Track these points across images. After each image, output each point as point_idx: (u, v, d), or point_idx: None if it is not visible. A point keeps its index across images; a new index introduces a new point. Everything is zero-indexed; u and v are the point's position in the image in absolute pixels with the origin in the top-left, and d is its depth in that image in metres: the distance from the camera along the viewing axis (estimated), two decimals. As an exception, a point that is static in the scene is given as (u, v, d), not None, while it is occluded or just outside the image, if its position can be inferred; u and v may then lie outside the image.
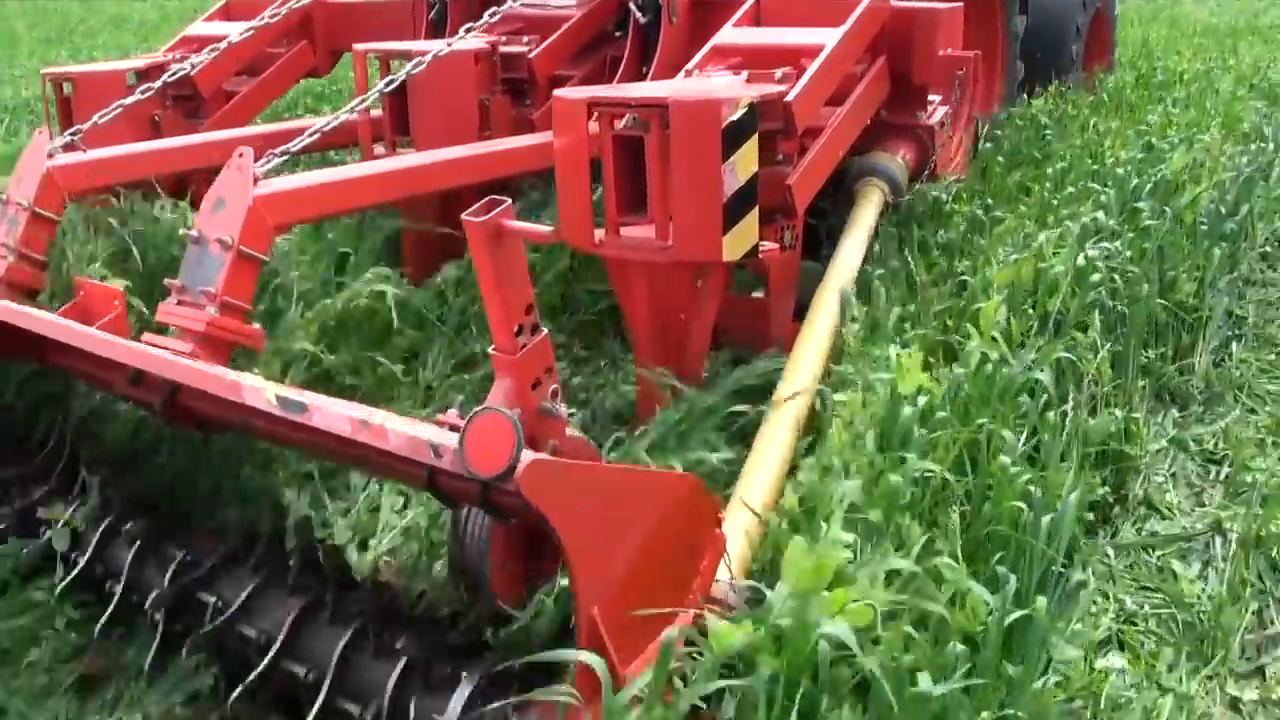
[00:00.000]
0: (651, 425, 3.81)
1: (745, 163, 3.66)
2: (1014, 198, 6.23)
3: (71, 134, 5.03)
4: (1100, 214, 5.38)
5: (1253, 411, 5.27)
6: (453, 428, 3.02)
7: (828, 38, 4.43)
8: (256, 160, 4.03)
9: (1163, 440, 4.90)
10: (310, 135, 4.28)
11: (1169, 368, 5.34)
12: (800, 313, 4.30)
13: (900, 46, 4.87)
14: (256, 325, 3.99)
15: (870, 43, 4.76)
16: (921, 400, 3.48)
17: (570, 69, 6.04)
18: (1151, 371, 5.19)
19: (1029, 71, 8.18)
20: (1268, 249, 7.23)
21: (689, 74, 4.43)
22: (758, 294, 4.54)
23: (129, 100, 5.25)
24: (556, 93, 3.95)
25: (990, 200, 5.85)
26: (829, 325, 4.00)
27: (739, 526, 3.07)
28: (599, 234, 3.90)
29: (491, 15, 5.23)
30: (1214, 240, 5.94)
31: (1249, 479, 4.60)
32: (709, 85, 3.98)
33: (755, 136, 3.66)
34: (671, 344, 4.00)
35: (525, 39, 5.88)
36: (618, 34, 6.04)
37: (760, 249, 3.80)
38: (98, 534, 3.74)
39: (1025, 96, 8.22)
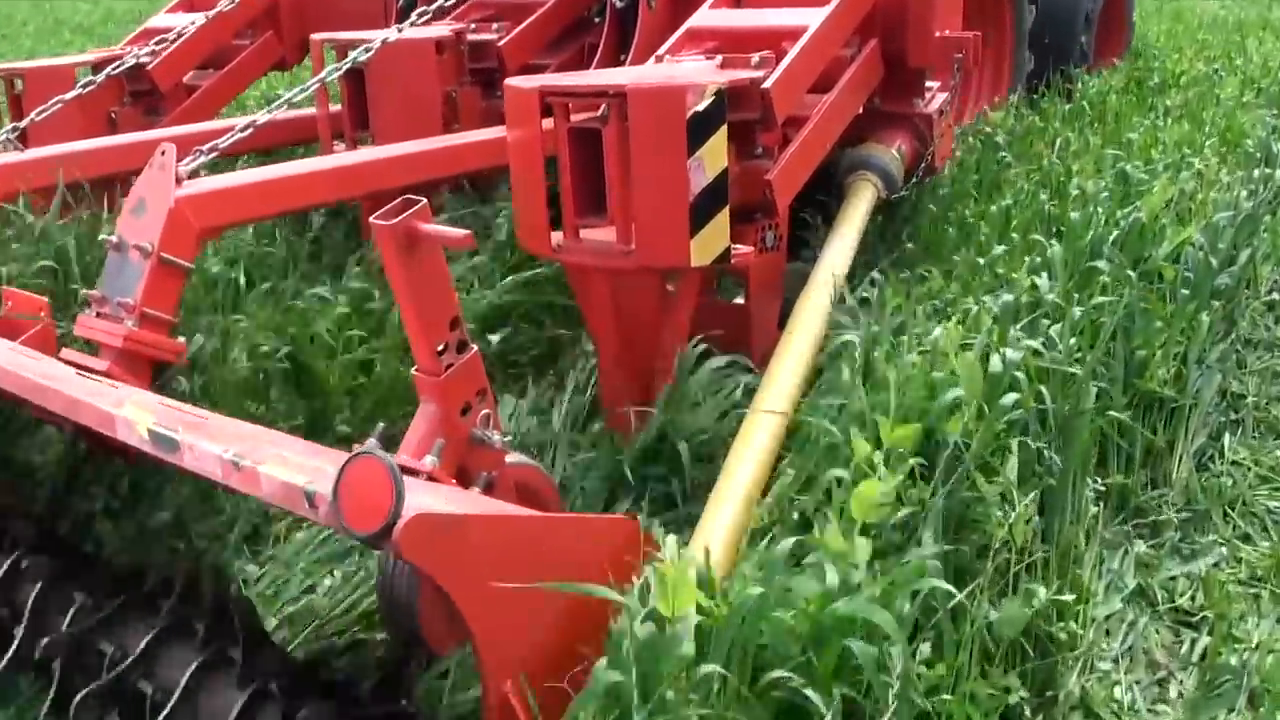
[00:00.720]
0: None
1: (714, 157, 3.28)
2: (941, 250, 4.81)
3: (5, 133, 4.70)
4: (1043, 278, 4.02)
5: (1246, 539, 3.74)
6: (371, 460, 2.66)
7: (811, 18, 4.04)
8: (181, 159, 3.68)
9: (1117, 599, 3.38)
10: (242, 130, 3.90)
11: (1135, 478, 3.83)
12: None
13: (894, 27, 4.47)
14: (180, 339, 3.63)
15: (860, 23, 4.36)
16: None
17: (545, 57, 5.67)
18: (1111, 490, 3.75)
19: (1038, 63, 7.71)
20: (1275, 296, 5.45)
21: (659, 59, 4.04)
22: (740, 299, 4.16)
23: (69, 95, 4.91)
24: (507, 82, 3.59)
25: (909, 250, 4.73)
26: (810, 339, 3.61)
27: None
28: (556, 237, 3.53)
29: (457, 1, 4.86)
30: (1202, 301, 4.38)
31: (1234, 660, 3.08)
32: (675, 71, 3.60)
33: (724, 127, 3.29)
34: (639, 357, 3.62)
35: (495, 26, 5.50)
36: (597, 20, 5.66)
37: (733, 253, 3.42)
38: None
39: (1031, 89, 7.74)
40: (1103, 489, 3.66)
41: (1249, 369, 4.80)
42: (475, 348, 2.76)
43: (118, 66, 5.61)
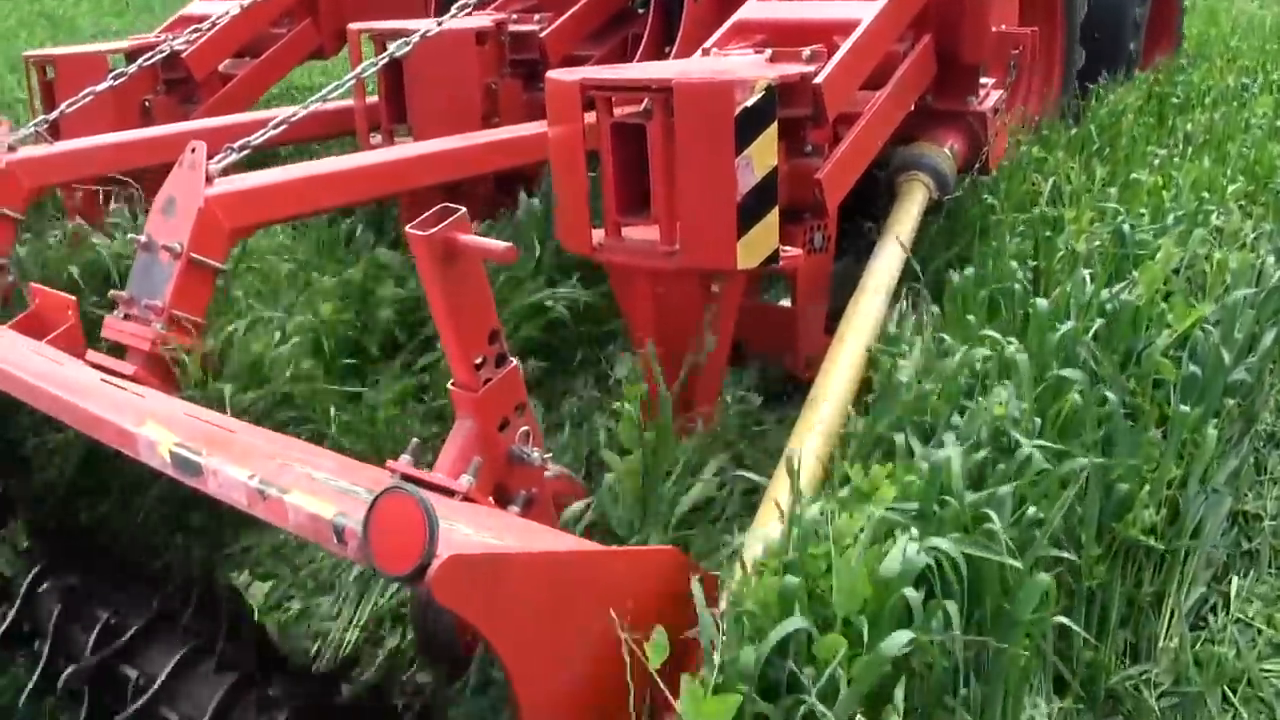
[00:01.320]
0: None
1: (763, 155, 3.14)
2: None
3: (37, 124, 4.61)
4: (1008, 391, 2.96)
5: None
6: (405, 477, 2.54)
7: (864, 11, 3.88)
8: (212, 156, 3.57)
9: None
10: (276, 126, 3.80)
11: (1107, 649, 2.92)
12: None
13: (948, 22, 4.30)
14: (210, 341, 3.53)
15: (914, 17, 4.19)
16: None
17: (588, 49, 5.54)
18: (1077, 669, 2.85)
19: (1087, 66, 7.45)
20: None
21: (706, 53, 3.90)
22: (785, 302, 4.01)
23: (101, 86, 4.82)
24: (548, 74, 3.46)
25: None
26: (859, 348, 3.45)
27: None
28: (597, 236, 3.40)
29: None
30: (1210, 407, 3.32)
31: None
32: (723, 65, 3.46)
33: (775, 124, 3.14)
34: (680, 363, 3.48)
35: (537, 17, 5.36)
36: (640, 10, 5.52)
37: (782, 254, 3.28)
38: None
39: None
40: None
41: (1270, 475, 3.76)
42: (514, 361, 2.63)
43: (152, 56, 5.50)
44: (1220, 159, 5.80)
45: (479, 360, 2.56)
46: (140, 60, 5.48)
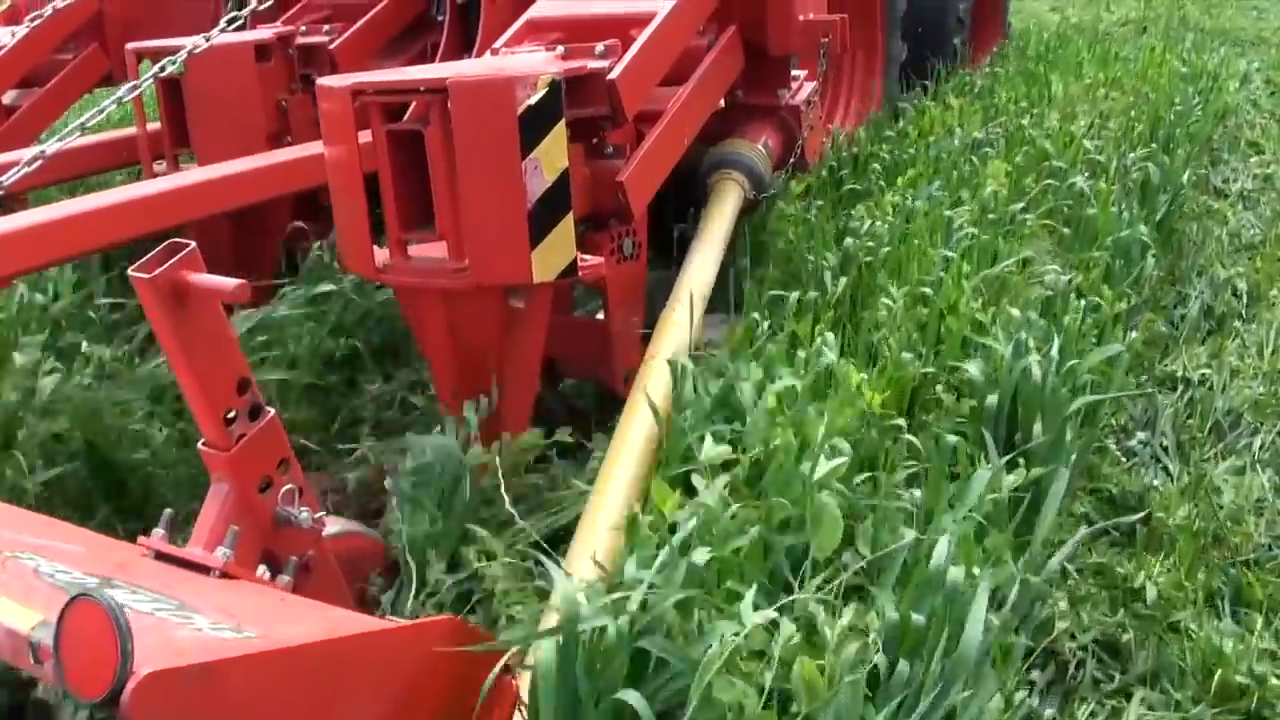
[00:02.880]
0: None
1: (552, 157, 2.89)
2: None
3: None
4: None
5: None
6: (158, 554, 2.22)
7: (660, 3, 3.67)
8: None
9: None
10: (29, 165, 3.41)
11: None
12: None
13: (752, 12, 4.12)
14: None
15: (716, 8, 3.99)
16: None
17: (384, 60, 5.22)
18: None
19: (913, 60, 7.34)
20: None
21: (495, 53, 3.64)
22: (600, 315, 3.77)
23: None
24: (318, 81, 3.16)
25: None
26: (671, 354, 3.22)
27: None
28: (380, 256, 3.12)
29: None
30: None
31: None
32: (505, 63, 3.20)
33: (562, 123, 2.90)
34: (482, 389, 3.20)
35: (326, 28, 5.05)
36: (440, 18, 5.23)
37: (581, 264, 3.03)
38: None
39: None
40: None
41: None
42: (271, 412, 2.31)
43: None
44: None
45: (229, 414, 2.24)
46: (-102, 94, 5.04)
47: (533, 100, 2.81)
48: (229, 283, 2.08)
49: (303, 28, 5.07)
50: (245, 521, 2.29)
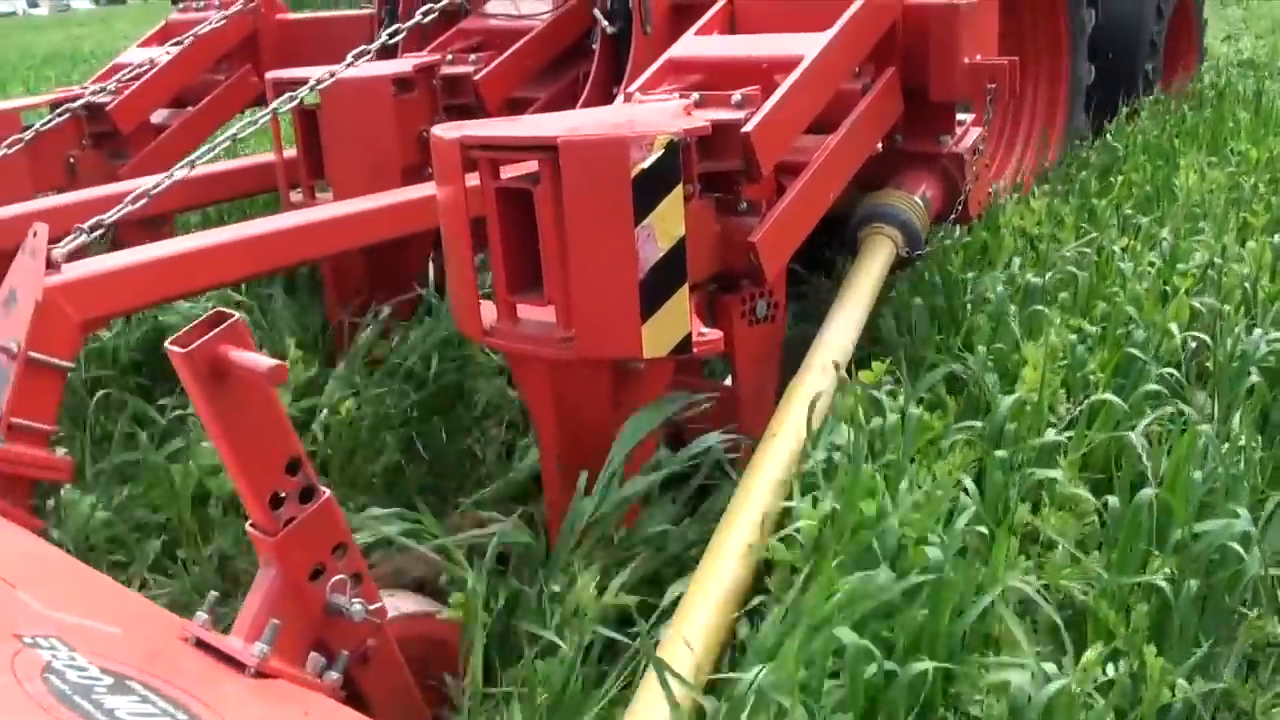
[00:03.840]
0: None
1: (668, 223, 2.64)
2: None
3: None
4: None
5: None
6: (198, 642, 2.05)
7: (808, 47, 3.38)
8: (55, 240, 3.10)
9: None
10: (134, 201, 3.31)
11: None
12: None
13: (913, 54, 3.79)
14: (62, 452, 3.05)
15: (874, 49, 3.69)
16: None
17: (533, 90, 5.04)
18: None
19: (1103, 91, 6.84)
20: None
21: (629, 98, 3.41)
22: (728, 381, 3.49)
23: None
24: (434, 130, 2.97)
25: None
26: (795, 433, 2.94)
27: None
28: (489, 317, 2.91)
29: (424, 14, 4.24)
30: None
31: None
32: (629, 115, 2.95)
33: (680, 187, 2.64)
34: (589, 463, 2.97)
35: (473, 57, 4.88)
36: (594, 47, 5.02)
37: (698, 341, 2.77)
38: None
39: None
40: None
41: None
42: (327, 493, 2.12)
43: (64, 110, 5.05)
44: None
45: (272, 496, 2.05)
46: (53, 115, 5.04)
47: (647, 163, 2.56)
48: (266, 362, 1.88)
49: (449, 56, 4.92)
50: (292, 611, 2.11)
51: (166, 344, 1.91)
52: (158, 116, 5.92)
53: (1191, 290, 3.93)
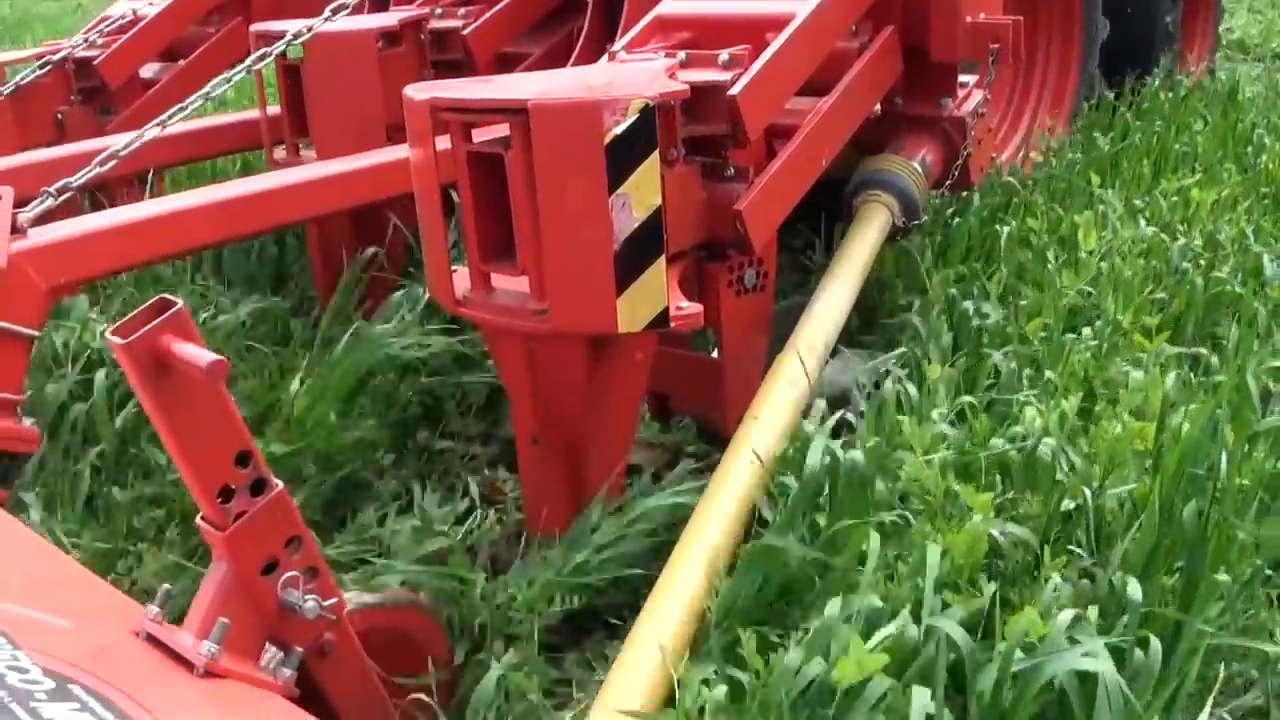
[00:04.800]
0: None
1: (644, 192, 2.51)
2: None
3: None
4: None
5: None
6: (149, 637, 1.95)
7: (802, 3, 3.24)
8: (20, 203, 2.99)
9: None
10: (105, 161, 3.20)
11: None
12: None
13: (913, 11, 3.64)
14: (29, 423, 2.95)
15: (871, 6, 3.54)
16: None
17: (525, 46, 4.90)
18: None
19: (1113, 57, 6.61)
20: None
21: (613, 56, 3.28)
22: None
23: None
24: (406, 90, 2.85)
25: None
26: (783, 414, 2.82)
27: None
28: (461, 286, 2.80)
29: None
30: None
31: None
32: (608, 76, 2.82)
33: (655, 154, 2.51)
34: (571, 440, 2.87)
35: (462, 11, 4.74)
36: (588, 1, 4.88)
37: (675, 313, 2.65)
38: None
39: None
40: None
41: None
42: (280, 485, 2.00)
43: (49, 62, 4.94)
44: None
45: (221, 490, 1.94)
46: (36, 67, 4.93)
47: (621, 129, 2.43)
48: (207, 357, 1.76)
49: (438, 10, 4.78)
50: (244, 607, 2.00)
51: (106, 333, 1.80)
52: (147, 71, 5.79)
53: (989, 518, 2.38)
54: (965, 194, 4.14)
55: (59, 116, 5.42)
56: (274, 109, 4.44)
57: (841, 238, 3.65)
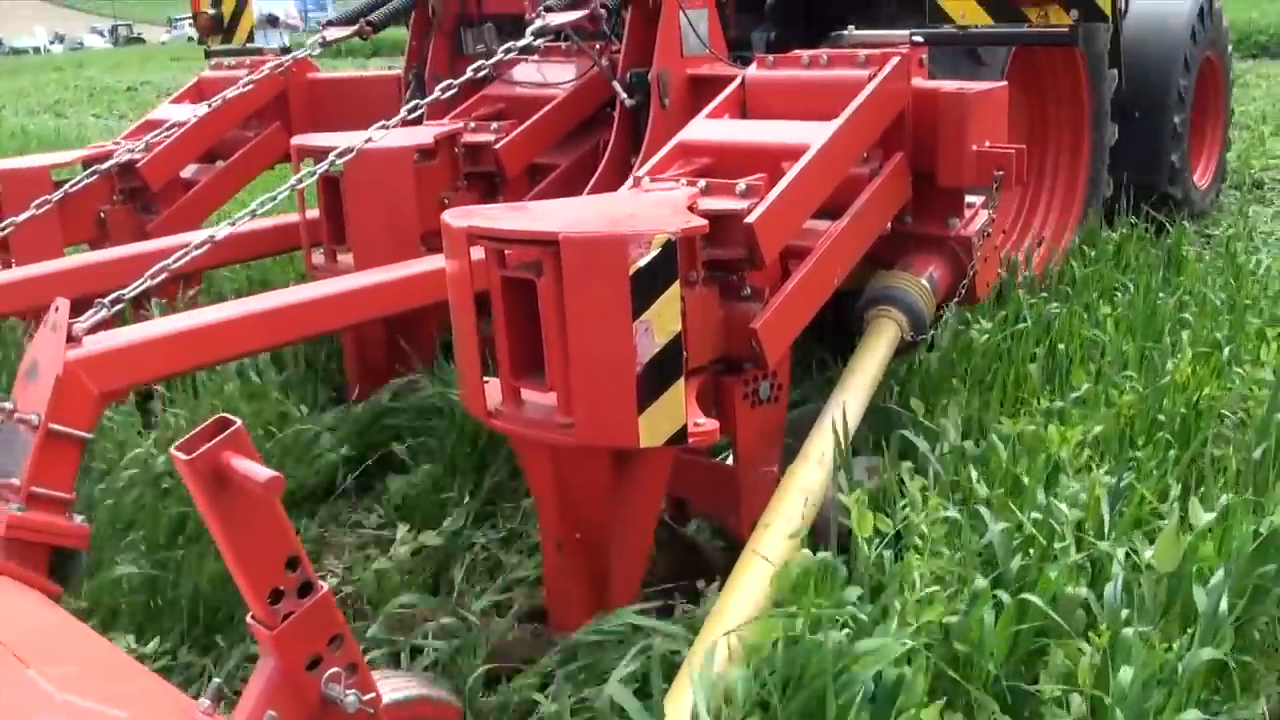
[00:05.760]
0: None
1: (664, 320, 2.71)
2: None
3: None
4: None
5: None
6: (205, 723, 2.13)
7: (815, 136, 3.45)
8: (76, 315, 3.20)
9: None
10: (155, 275, 3.41)
11: None
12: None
13: (923, 140, 3.85)
14: (79, 519, 3.13)
15: (882, 135, 3.76)
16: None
17: (554, 157, 5.13)
18: None
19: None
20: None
21: (637, 182, 3.48)
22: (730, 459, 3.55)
23: (20, 218, 4.44)
24: (444, 215, 3.05)
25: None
26: (791, 523, 2.99)
27: None
28: (493, 398, 2.98)
29: (444, 90, 4.31)
30: None
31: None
32: (633, 206, 3.03)
33: (676, 284, 2.71)
34: (592, 546, 3.04)
35: (494, 125, 4.98)
36: (614, 113, 5.11)
37: (692, 431, 2.83)
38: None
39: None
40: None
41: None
42: (325, 588, 2.19)
43: (96, 169, 5.17)
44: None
45: (276, 589, 2.13)
46: (86, 173, 5.16)
47: (644, 261, 2.63)
48: (264, 473, 1.96)
49: (471, 124, 5.02)
50: (289, 701, 2.19)
51: (171, 449, 1.99)
52: (186, 171, 6.04)
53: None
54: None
55: (101, 216, 5.67)
56: (312, 213, 4.67)
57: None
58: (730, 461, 3.53)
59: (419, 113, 4.25)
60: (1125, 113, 6.64)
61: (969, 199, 4.11)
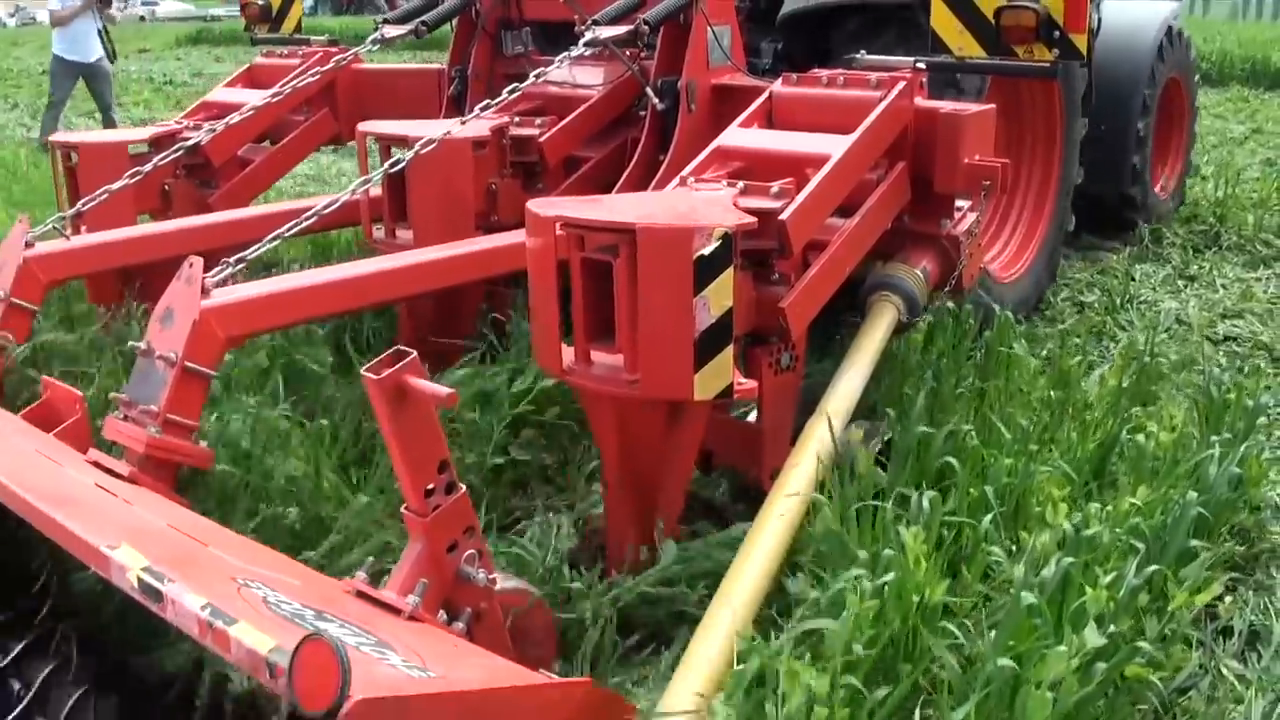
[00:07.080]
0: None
1: (719, 296, 3.34)
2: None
3: (55, 221, 4.81)
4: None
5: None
6: (359, 593, 2.76)
7: (836, 146, 4.09)
8: (211, 267, 3.80)
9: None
10: (272, 240, 4.02)
11: None
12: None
13: (922, 152, 4.50)
14: (203, 444, 3.74)
15: (889, 147, 4.40)
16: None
17: (587, 151, 5.75)
18: None
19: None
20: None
21: (684, 181, 4.11)
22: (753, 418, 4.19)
23: (115, 186, 4.98)
24: (529, 205, 3.66)
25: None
26: (806, 479, 3.64)
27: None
28: (567, 357, 3.60)
29: (510, 92, 4.93)
30: None
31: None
32: (689, 204, 3.65)
33: (730, 269, 3.34)
34: (645, 484, 3.67)
35: (538, 121, 5.59)
36: (641, 113, 5.73)
37: (737, 387, 3.47)
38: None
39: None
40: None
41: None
42: (464, 488, 2.84)
43: (173, 149, 5.72)
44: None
45: (429, 488, 2.78)
46: (164, 153, 5.68)
47: (707, 250, 3.25)
48: (441, 390, 2.60)
49: (516, 119, 5.62)
50: (432, 575, 2.83)
51: (363, 371, 2.62)
52: (240, 151, 6.61)
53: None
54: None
55: (165, 188, 6.24)
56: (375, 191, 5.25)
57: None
58: (752, 419, 4.17)
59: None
60: (1093, 120, 7.26)
61: (959, 202, 4.76)
